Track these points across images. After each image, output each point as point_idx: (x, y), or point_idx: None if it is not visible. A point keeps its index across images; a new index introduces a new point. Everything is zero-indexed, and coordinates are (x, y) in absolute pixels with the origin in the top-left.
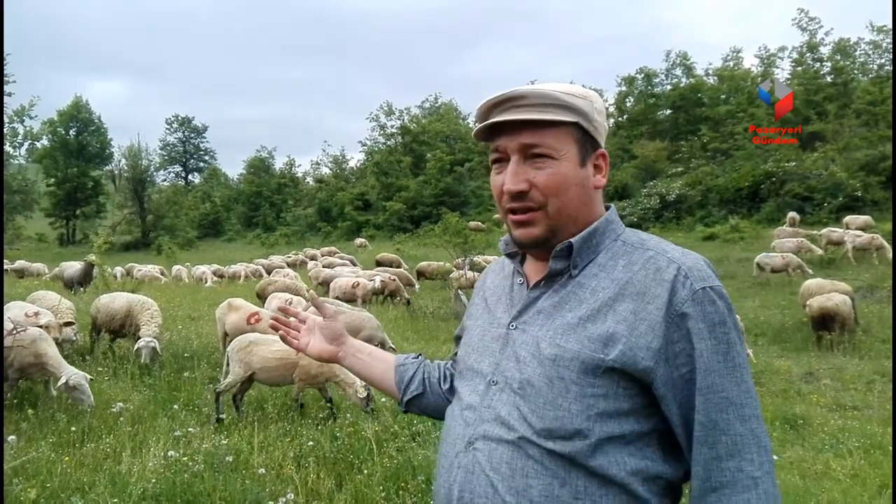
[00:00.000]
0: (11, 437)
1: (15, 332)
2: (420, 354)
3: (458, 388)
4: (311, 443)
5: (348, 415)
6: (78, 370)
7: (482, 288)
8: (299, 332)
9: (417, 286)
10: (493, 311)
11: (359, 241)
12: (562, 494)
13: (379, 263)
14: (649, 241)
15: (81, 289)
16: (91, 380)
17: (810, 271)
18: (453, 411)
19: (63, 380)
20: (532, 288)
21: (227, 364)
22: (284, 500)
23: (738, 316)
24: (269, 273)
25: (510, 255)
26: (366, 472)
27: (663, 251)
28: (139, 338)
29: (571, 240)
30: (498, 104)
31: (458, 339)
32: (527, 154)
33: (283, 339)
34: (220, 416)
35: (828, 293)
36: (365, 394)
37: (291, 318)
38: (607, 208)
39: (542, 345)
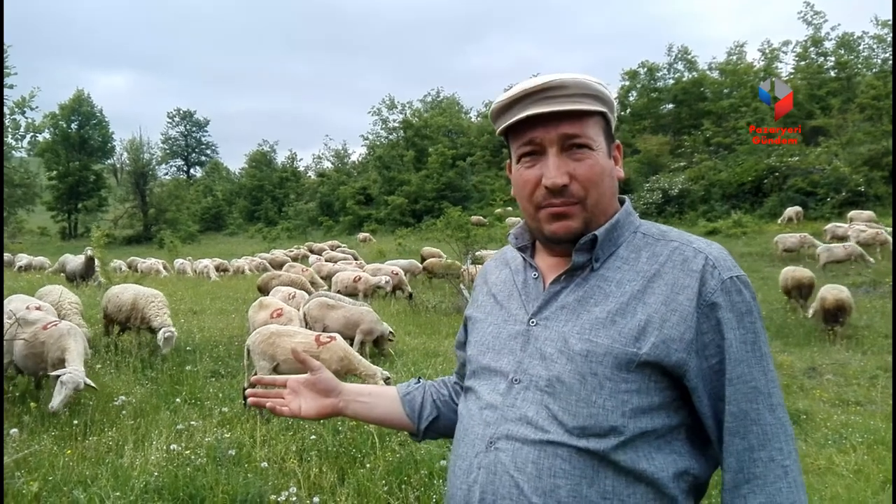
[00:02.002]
0: (14, 431)
1: (50, 325)
2: (420, 378)
3: (473, 388)
4: (313, 436)
5: None
6: (81, 374)
7: (485, 284)
8: (283, 398)
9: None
10: (507, 308)
11: (362, 235)
12: (590, 494)
13: (423, 258)
14: (671, 233)
15: (84, 282)
16: (91, 386)
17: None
18: (471, 411)
19: (59, 372)
20: (552, 283)
21: (247, 358)
22: (287, 493)
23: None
24: (275, 267)
25: (521, 249)
26: (368, 465)
27: (688, 241)
28: (151, 329)
29: (596, 232)
30: (531, 94)
31: (459, 345)
32: (564, 145)
33: (272, 411)
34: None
35: (797, 274)
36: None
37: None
38: (621, 201)
39: (572, 340)
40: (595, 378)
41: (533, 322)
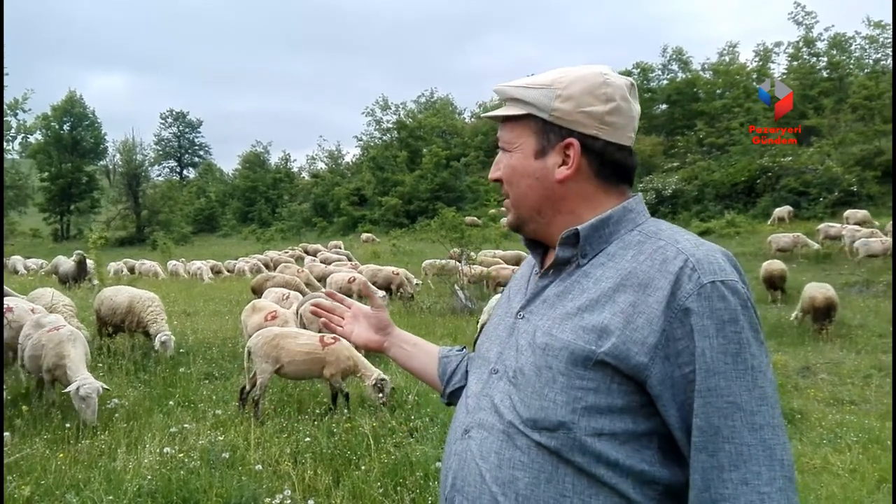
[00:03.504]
0: (6, 434)
1: (53, 329)
2: (465, 347)
3: (469, 376)
4: (308, 439)
5: (345, 410)
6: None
7: (512, 279)
8: (343, 318)
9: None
10: (511, 301)
11: (365, 236)
12: (548, 490)
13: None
14: (664, 232)
15: (76, 284)
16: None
17: None
18: (461, 399)
19: (73, 387)
20: (541, 276)
21: (248, 361)
22: (281, 496)
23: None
24: (273, 268)
25: (531, 245)
26: (363, 468)
27: (674, 241)
28: (146, 333)
29: (578, 227)
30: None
31: None
32: (501, 147)
33: (325, 325)
34: (259, 416)
35: (770, 266)
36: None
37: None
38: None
39: (538, 333)
40: (549, 371)
41: (520, 315)
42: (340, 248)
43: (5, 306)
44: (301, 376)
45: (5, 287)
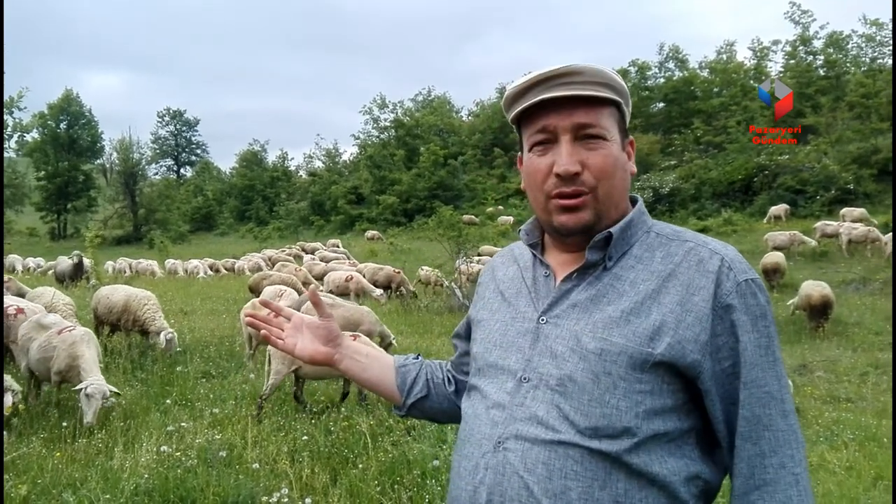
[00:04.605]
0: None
1: (64, 331)
2: (419, 356)
3: (479, 387)
4: (305, 437)
5: (343, 409)
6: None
7: (493, 280)
8: (283, 330)
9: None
10: (515, 305)
11: (370, 233)
12: (602, 497)
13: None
14: (686, 233)
15: (72, 283)
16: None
17: None
18: (477, 411)
19: (81, 385)
20: (563, 280)
21: (269, 364)
22: (279, 495)
23: None
24: (272, 266)
25: (532, 246)
26: (360, 466)
27: (704, 242)
28: (143, 332)
29: (611, 229)
30: (546, 80)
31: (457, 336)
32: (578, 135)
33: (266, 339)
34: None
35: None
36: None
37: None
38: (634, 200)
39: (584, 339)
40: (609, 378)
41: (543, 320)
42: (338, 246)
43: (17, 308)
44: (319, 377)
45: (17, 282)
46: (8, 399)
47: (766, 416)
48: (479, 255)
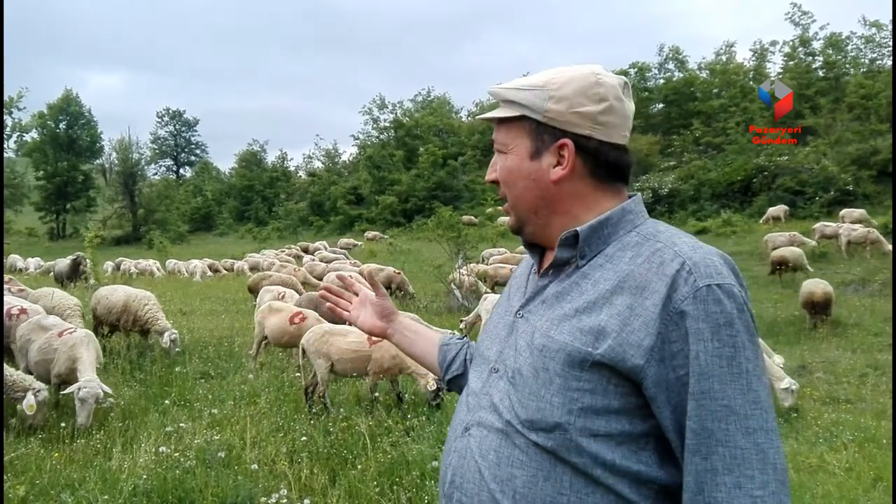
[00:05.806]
0: None
1: (65, 333)
2: (465, 336)
3: (469, 374)
4: (304, 438)
5: (342, 409)
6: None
7: (513, 276)
8: (351, 303)
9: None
10: (511, 300)
11: (371, 234)
12: (546, 488)
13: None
14: (662, 234)
15: (70, 282)
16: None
17: None
18: (462, 396)
19: (74, 387)
20: (541, 277)
21: (303, 358)
22: (277, 495)
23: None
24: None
25: (529, 246)
26: (360, 467)
27: (672, 244)
28: (142, 332)
29: (578, 228)
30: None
31: None
32: (497, 149)
33: (332, 310)
34: (329, 409)
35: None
36: (435, 387)
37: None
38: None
39: (537, 334)
40: (546, 373)
41: (519, 314)
42: (347, 245)
43: (20, 308)
44: (351, 373)
45: (19, 281)
46: (30, 398)
47: (720, 430)
48: (482, 259)
